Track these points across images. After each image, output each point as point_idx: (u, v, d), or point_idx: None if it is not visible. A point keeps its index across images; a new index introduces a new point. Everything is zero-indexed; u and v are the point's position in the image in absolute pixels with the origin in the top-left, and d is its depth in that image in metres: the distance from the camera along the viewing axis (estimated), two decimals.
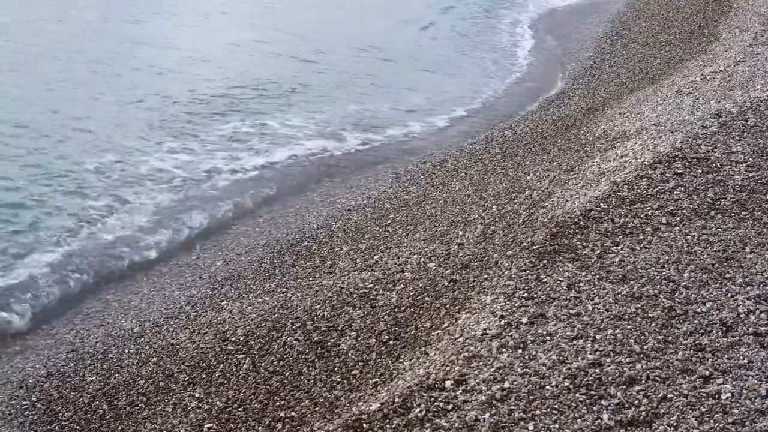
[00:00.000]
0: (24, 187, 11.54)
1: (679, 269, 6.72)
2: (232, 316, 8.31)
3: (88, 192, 11.63)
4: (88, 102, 15.15)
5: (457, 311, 6.81)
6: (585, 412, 5.11)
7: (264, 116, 15.21)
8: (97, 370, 7.84)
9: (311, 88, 17.03)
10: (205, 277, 9.68)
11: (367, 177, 12.85)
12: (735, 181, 8.28)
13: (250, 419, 6.57)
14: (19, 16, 20.28)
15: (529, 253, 7.14)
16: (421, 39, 22.06)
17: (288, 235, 10.58)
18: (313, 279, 8.97)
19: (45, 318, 8.94)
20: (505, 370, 5.49)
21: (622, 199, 7.99)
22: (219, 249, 10.53)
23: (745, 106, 10.37)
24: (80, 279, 9.57)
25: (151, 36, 19.93)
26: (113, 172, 12.24)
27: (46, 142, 13.10)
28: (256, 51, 19.58)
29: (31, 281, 9.31)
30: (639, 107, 12.26)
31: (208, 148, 13.61)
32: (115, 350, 8.15)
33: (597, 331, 5.91)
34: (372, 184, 12.38)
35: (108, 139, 13.47)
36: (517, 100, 17.11)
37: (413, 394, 5.40)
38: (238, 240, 10.78)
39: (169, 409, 7.01)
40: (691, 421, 5.03)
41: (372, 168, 13.21)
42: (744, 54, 13.66)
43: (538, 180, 9.98)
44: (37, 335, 8.68)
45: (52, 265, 9.66)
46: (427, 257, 8.48)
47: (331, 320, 7.61)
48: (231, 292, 9.08)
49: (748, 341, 5.77)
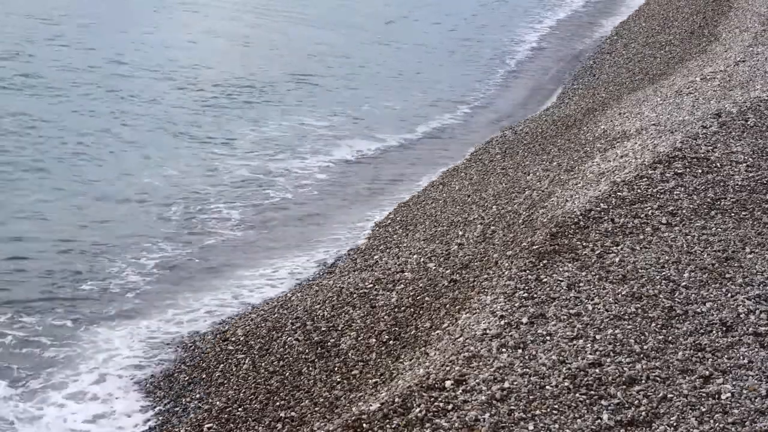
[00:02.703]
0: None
1: (679, 269, 6.72)
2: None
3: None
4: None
5: (457, 311, 6.80)
6: (585, 412, 5.11)
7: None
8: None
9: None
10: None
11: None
12: (735, 181, 8.28)
13: (250, 419, 6.57)
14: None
15: (529, 253, 7.14)
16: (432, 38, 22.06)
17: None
18: (313, 279, 8.98)
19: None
20: (505, 370, 5.49)
21: (622, 199, 7.99)
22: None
23: (745, 106, 10.37)
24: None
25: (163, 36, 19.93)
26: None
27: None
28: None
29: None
30: (639, 107, 12.26)
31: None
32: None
33: (597, 331, 5.91)
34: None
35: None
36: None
37: (413, 394, 5.40)
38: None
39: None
40: (691, 421, 5.03)
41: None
42: (744, 54, 13.66)
43: (538, 180, 9.98)
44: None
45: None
46: (427, 257, 8.48)
47: (331, 320, 7.61)
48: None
49: (748, 341, 5.77)
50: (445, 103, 16.94)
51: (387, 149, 14.29)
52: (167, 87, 16.07)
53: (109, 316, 8.78)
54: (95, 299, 9.03)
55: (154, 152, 13.03)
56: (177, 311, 8.85)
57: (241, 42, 19.92)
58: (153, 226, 10.78)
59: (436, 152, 13.82)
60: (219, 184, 12.15)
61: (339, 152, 13.87)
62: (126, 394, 7.52)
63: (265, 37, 20.42)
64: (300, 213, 11.43)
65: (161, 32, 20.00)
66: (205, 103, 15.43)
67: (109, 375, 7.78)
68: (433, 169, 12.67)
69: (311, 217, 11.37)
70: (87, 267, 9.63)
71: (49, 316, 8.68)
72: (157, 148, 13.20)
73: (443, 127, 15.64)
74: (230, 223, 11.02)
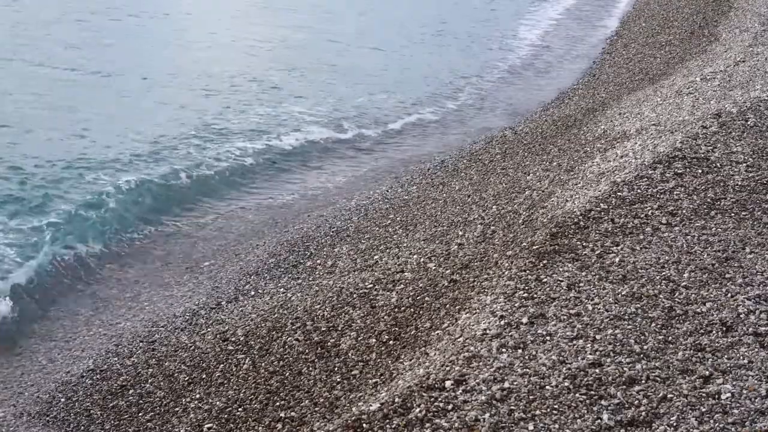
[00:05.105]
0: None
1: (679, 269, 6.72)
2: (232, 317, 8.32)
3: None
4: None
5: (457, 311, 6.81)
6: (585, 412, 5.11)
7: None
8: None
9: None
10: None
11: (366, 177, 12.86)
12: (735, 181, 8.28)
13: (250, 419, 6.57)
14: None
15: (529, 253, 7.14)
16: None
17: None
18: (313, 279, 8.98)
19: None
20: (505, 370, 5.49)
21: (622, 199, 7.99)
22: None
23: (745, 106, 10.36)
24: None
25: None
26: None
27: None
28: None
29: None
30: (639, 107, 12.26)
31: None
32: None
33: (597, 331, 5.91)
34: (371, 184, 12.40)
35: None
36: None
37: (413, 394, 5.40)
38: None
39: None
40: (691, 421, 5.03)
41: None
42: (744, 54, 13.66)
43: (538, 180, 9.98)
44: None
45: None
46: (427, 257, 8.48)
47: (331, 320, 7.61)
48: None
49: (748, 341, 5.77)
50: (443, 100, 16.96)
51: (384, 144, 14.36)
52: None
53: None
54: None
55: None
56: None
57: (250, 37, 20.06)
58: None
59: (435, 151, 13.83)
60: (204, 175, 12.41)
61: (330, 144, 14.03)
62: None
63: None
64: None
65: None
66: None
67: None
68: (433, 167, 12.66)
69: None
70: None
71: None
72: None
73: (443, 126, 15.66)
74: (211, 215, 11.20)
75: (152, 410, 7.15)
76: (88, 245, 10.39)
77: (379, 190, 11.84)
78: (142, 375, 7.68)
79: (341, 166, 13.62)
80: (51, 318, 9.06)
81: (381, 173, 13.06)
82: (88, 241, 10.44)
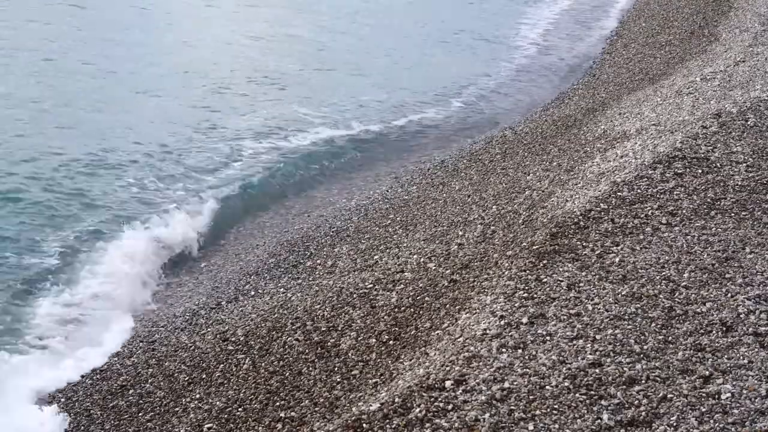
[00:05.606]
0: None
1: (679, 269, 6.71)
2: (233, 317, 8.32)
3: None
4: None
5: (457, 311, 6.81)
6: (585, 412, 5.11)
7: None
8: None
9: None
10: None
11: (366, 177, 12.86)
12: (735, 181, 8.28)
13: (250, 419, 6.57)
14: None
15: (529, 253, 7.14)
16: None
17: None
18: (313, 279, 8.98)
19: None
20: (505, 370, 5.49)
21: (622, 199, 7.99)
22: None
23: (745, 106, 10.36)
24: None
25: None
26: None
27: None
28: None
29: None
30: (639, 107, 12.26)
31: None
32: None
33: (597, 331, 5.91)
34: (371, 184, 12.39)
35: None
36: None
37: (413, 394, 5.40)
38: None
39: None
40: (691, 421, 5.03)
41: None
42: (744, 54, 13.65)
43: (538, 180, 9.98)
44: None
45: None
46: (427, 257, 8.48)
47: (331, 320, 7.61)
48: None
49: (748, 341, 5.77)
50: (443, 99, 16.96)
51: (385, 144, 14.39)
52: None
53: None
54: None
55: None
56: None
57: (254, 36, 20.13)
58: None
59: (434, 150, 13.82)
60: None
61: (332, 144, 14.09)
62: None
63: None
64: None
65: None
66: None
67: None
68: (433, 167, 12.65)
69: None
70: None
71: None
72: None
73: (443, 125, 15.66)
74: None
75: (152, 410, 7.15)
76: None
77: (379, 190, 11.82)
78: (142, 375, 7.69)
79: (341, 166, 13.61)
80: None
81: (381, 173, 13.05)
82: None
